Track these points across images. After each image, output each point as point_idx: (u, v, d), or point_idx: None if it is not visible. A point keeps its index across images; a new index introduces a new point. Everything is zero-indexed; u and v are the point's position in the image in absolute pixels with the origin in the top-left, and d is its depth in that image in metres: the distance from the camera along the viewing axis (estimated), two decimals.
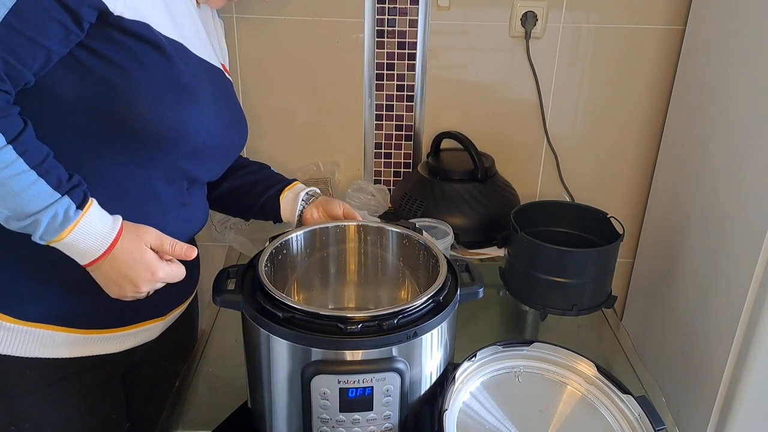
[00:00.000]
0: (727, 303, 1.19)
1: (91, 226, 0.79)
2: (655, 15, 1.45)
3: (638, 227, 1.63)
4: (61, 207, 0.76)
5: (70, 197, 0.77)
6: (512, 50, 1.49)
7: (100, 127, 0.83)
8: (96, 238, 0.80)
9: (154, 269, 0.84)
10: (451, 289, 0.83)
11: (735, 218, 1.18)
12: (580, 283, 1.17)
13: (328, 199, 1.08)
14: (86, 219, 0.79)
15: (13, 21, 0.72)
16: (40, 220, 0.75)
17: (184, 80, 0.87)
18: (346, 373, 0.76)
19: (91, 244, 0.80)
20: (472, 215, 1.41)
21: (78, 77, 0.80)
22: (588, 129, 1.57)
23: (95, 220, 0.80)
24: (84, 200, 0.79)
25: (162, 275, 0.85)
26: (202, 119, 0.90)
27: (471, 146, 1.43)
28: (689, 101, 1.40)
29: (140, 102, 0.83)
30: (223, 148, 0.99)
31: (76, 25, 0.76)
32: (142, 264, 0.83)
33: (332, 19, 1.46)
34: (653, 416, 0.80)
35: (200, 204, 1.04)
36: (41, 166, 0.75)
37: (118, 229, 0.82)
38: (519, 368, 0.90)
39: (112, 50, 0.81)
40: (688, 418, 1.30)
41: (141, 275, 0.84)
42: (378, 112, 1.56)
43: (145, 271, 0.84)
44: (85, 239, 0.79)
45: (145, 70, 0.83)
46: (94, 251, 0.80)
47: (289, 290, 0.97)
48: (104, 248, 0.81)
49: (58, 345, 0.92)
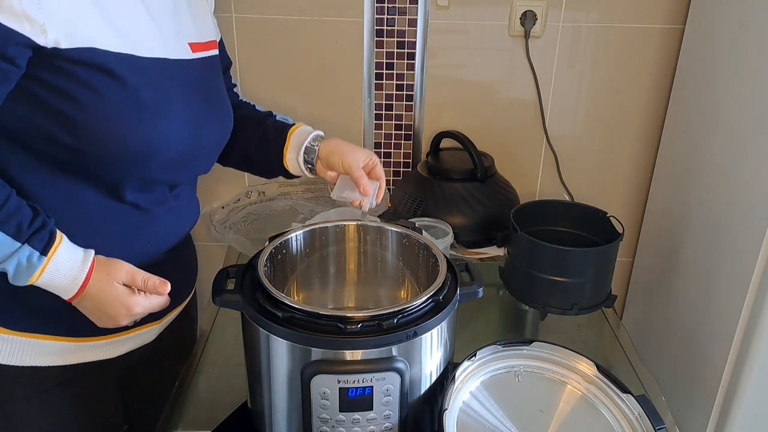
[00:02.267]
0: (727, 302, 1.19)
1: (59, 268, 0.79)
2: (655, 14, 1.45)
3: (638, 226, 1.63)
4: (23, 255, 0.77)
5: (32, 245, 0.77)
6: (512, 49, 1.49)
7: (63, 157, 0.82)
8: (66, 279, 0.80)
9: (129, 305, 0.84)
10: (450, 289, 0.83)
11: (734, 217, 1.18)
12: (579, 283, 1.17)
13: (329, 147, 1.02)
14: (53, 263, 0.79)
15: None
16: (6, 268, 0.77)
17: (143, 98, 0.82)
18: (346, 373, 0.76)
19: (63, 284, 0.81)
20: (472, 215, 1.41)
21: (31, 110, 0.78)
22: (587, 128, 1.57)
23: (63, 262, 0.80)
24: (49, 242, 0.79)
25: (139, 310, 0.86)
26: (170, 131, 0.86)
27: (470, 146, 1.43)
28: (688, 100, 1.40)
29: (99, 131, 0.80)
30: (203, 148, 0.96)
31: (9, 63, 0.73)
32: (116, 301, 0.84)
33: (332, 19, 1.46)
34: (653, 415, 0.80)
35: (188, 203, 1.03)
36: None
37: (88, 269, 0.82)
38: (519, 368, 0.90)
39: (61, 81, 0.77)
40: (688, 418, 1.30)
41: (117, 311, 0.84)
42: (377, 112, 1.56)
43: (121, 307, 0.84)
44: (56, 281, 0.80)
45: (100, 97, 0.79)
46: (67, 291, 0.81)
47: (289, 290, 0.97)
48: (76, 288, 0.81)
49: (52, 353, 0.91)
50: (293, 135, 1.05)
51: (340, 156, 1.00)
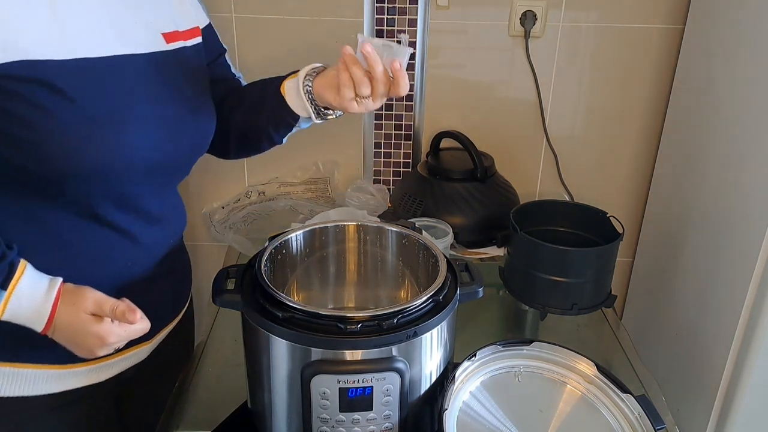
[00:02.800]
0: (727, 302, 1.19)
1: (22, 302, 0.75)
2: (655, 14, 1.45)
3: (638, 226, 1.63)
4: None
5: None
6: (512, 49, 1.49)
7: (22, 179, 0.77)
8: (31, 312, 0.76)
9: (102, 335, 0.78)
10: (450, 289, 0.83)
11: (735, 217, 1.18)
12: (579, 283, 1.17)
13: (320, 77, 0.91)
14: (14, 296, 0.74)
15: None
16: None
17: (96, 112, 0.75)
18: (346, 373, 0.76)
19: (29, 318, 0.76)
20: (472, 215, 1.41)
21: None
22: (587, 128, 1.57)
23: (25, 294, 0.75)
24: (9, 275, 0.74)
25: (113, 340, 0.79)
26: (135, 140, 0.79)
27: (470, 146, 1.43)
28: (688, 100, 1.40)
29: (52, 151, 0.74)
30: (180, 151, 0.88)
31: None
32: (87, 333, 0.78)
33: (332, 19, 1.46)
34: (653, 415, 0.80)
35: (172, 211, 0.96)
36: None
37: (53, 301, 0.76)
38: (519, 368, 0.90)
39: (5, 100, 0.71)
40: (688, 418, 1.30)
41: (90, 343, 0.79)
42: (377, 112, 1.55)
43: (93, 338, 0.78)
44: (21, 315, 0.75)
45: (49, 116, 0.72)
46: (35, 324, 0.77)
47: (289, 290, 0.97)
48: (44, 322, 0.76)
49: (41, 382, 0.87)
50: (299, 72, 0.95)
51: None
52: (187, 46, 0.90)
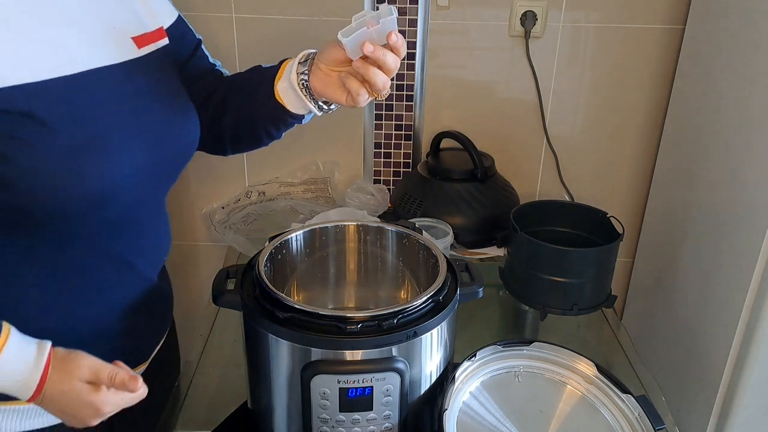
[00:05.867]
0: (727, 302, 1.19)
1: (5, 371, 0.68)
2: (655, 15, 1.45)
3: (638, 227, 1.63)
4: None
5: None
6: (512, 50, 1.49)
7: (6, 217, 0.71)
8: (17, 382, 0.68)
9: (97, 406, 0.71)
10: (450, 289, 0.83)
11: (735, 218, 1.18)
12: (579, 283, 1.17)
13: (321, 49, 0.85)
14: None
15: None
16: None
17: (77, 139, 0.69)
18: (346, 373, 0.76)
19: (14, 386, 0.69)
20: (472, 215, 1.41)
21: None
22: (588, 128, 1.57)
23: (10, 362, 0.68)
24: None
25: (109, 410, 0.72)
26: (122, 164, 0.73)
27: (471, 146, 1.43)
28: (689, 101, 1.40)
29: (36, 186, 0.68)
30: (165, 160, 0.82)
31: None
32: (80, 402, 0.71)
33: (332, 19, 1.46)
34: (653, 416, 0.80)
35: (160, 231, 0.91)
36: None
37: (42, 369, 0.69)
38: (519, 368, 0.90)
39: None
40: (688, 418, 1.30)
41: (84, 413, 0.72)
42: (377, 112, 1.56)
43: (87, 408, 0.71)
44: (6, 385, 0.68)
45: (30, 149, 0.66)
46: (21, 393, 0.69)
47: (289, 290, 0.97)
48: (30, 392, 0.69)
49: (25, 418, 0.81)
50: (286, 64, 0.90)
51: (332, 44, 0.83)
52: (159, 47, 0.85)
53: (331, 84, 0.84)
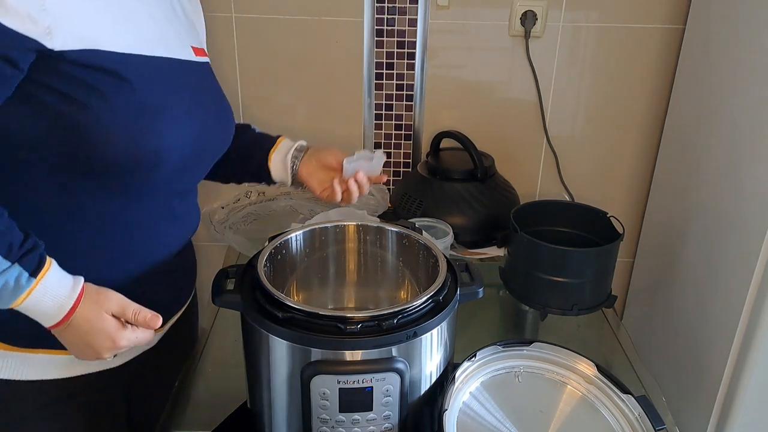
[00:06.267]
0: (727, 303, 1.19)
1: (46, 293, 0.76)
2: (655, 14, 1.45)
3: (638, 227, 1.63)
4: (11, 276, 0.73)
5: (22, 265, 0.74)
6: (512, 50, 1.49)
7: (71, 163, 0.79)
8: (52, 305, 0.77)
9: (115, 338, 0.81)
10: (450, 289, 0.83)
11: (735, 218, 1.18)
12: (580, 283, 1.17)
13: (319, 148, 1.06)
14: (41, 286, 0.75)
15: None
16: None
17: (149, 101, 0.80)
18: (346, 373, 0.76)
19: (48, 310, 0.77)
20: (472, 215, 1.41)
21: (37, 115, 0.75)
22: (588, 128, 1.57)
23: (51, 288, 0.76)
24: (39, 266, 0.76)
25: (124, 344, 0.82)
26: (176, 137, 0.84)
27: (470, 146, 1.43)
28: (689, 100, 1.40)
29: (108, 135, 0.77)
30: (206, 150, 0.94)
31: (12, 67, 0.71)
32: (103, 333, 0.80)
33: (332, 19, 1.46)
34: (653, 416, 0.80)
35: (191, 210, 1.01)
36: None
37: (76, 297, 0.78)
38: (519, 368, 0.90)
39: (65, 85, 0.75)
40: (688, 418, 1.30)
41: (101, 344, 0.81)
42: (377, 112, 1.56)
43: (106, 339, 0.81)
44: (41, 306, 0.76)
45: (106, 101, 0.76)
46: (50, 318, 0.78)
47: (289, 290, 0.97)
48: (62, 315, 0.78)
49: (55, 367, 0.89)
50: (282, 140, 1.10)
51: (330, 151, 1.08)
52: (206, 62, 0.98)
53: (315, 177, 1.09)
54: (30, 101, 0.75)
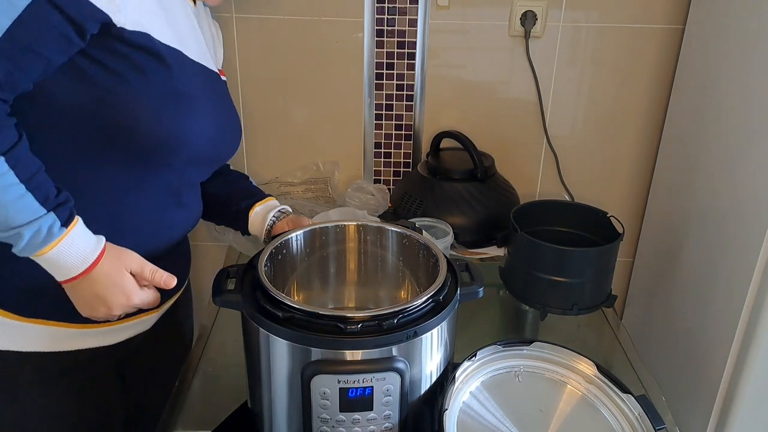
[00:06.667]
0: (727, 302, 1.19)
1: (73, 245, 0.79)
2: (655, 14, 1.45)
3: (638, 226, 1.63)
4: (45, 223, 0.76)
5: (56, 214, 0.77)
6: (512, 50, 1.49)
7: (98, 134, 0.84)
8: (77, 256, 0.80)
9: (130, 294, 0.85)
10: (451, 289, 0.83)
11: (735, 217, 1.18)
12: (580, 283, 1.17)
13: (298, 216, 1.10)
14: (69, 237, 0.79)
15: (17, 32, 0.72)
16: (23, 233, 0.75)
17: (182, 89, 0.88)
18: (346, 373, 0.76)
19: (72, 262, 0.80)
20: (472, 215, 1.41)
21: (77, 84, 0.81)
22: (588, 128, 1.57)
23: (78, 239, 0.80)
24: (70, 218, 0.79)
25: (137, 301, 0.86)
26: (199, 126, 0.91)
27: (471, 146, 1.43)
28: (689, 100, 1.40)
29: (140, 110, 0.84)
30: (217, 152, 1.00)
31: (80, 37, 0.77)
32: (119, 288, 0.84)
33: (332, 19, 1.46)
34: (653, 415, 0.80)
35: (196, 203, 1.05)
36: (31, 181, 0.75)
37: (100, 250, 0.82)
38: (519, 368, 0.90)
39: (112, 60, 0.81)
40: (688, 418, 1.30)
41: (116, 299, 0.84)
42: (378, 112, 1.56)
43: (121, 295, 0.84)
44: (66, 257, 0.79)
45: (146, 78, 0.84)
46: (73, 269, 0.80)
47: (289, 290, 0.97)
48: (84, 267, 0.81)
49: (55, 339, 0.92)
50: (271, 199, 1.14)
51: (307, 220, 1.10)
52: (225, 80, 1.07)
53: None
54: (74, 71, 0.80)
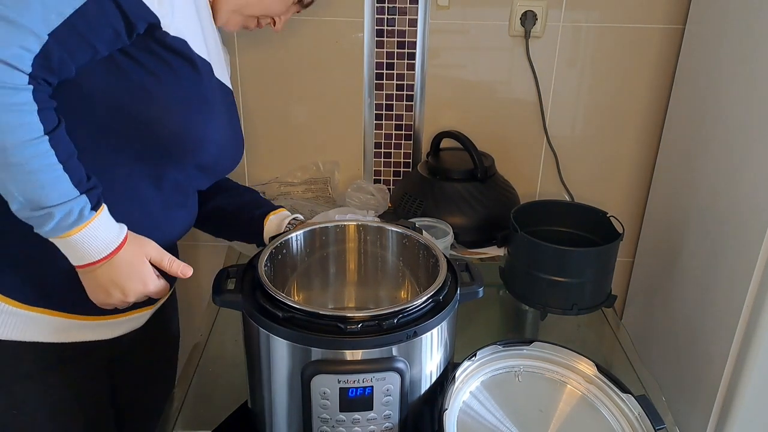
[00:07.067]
0: (727, 302, 1.19)
1: (99, 229, 0.81)
2: (655, 14, 1.45)
3: (638, 226, 1.63)
4: (77, 205, 0.78)
5: (88, 197, 0.79)
6: (512, 50, 1.49)
7: (124, 128, 0.86)
8: (101, 241, 0.81)
9: (147, 282, 0.87)
10: (450, 289, 0.83)
11: (735, 217, 1.18)
12: (580, 283, 1.17)
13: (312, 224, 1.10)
14: (97, 221, 0.80)
15: (77, 21, 0.74)
16: (54, 213, 0.76)
17: (208, 95, 0.92)
18: (346, 373, 0.76)
19: (95, 246, 0.81)
20: (472, 215, 1.41)
21: (112, 78, 0.83)
22: (588, 128, 1.57)
23: (104, 225, 0.82)
24: (99, 202, 0.81)
25: (152, 289, 0.88)
26: (216, 134, 0.94)
27: (471, 146, 1.43)
28: (689, 100, 1.40)
29: (168, 108, 0.87)
30: (221, 164, 1.03)
31: (128, 34, 0.80)
32: (138, 275, 0.86)
33: (332, 19, 1.46)
34: (653, 415, 0.80)
35: (194, 208, 1.07)
36: (68, 163, 0.77)
37: (122, 238, 0.84)
38: (519, 368, 0.90)
39: (150, 59, 0.84)
40: (688, 418, 1.30)
41: (134, 286, 0.86)
42: (378, 112, 1.56)
43: (139, 282, 0.86)
44: (91, 241, 0.81)
45: (178, 80, 0.87)
46: (95, 254, 0.82)
47: (289, 290, 0.98)
48: (107, 252, 0.82)
49: (53, 329, 0.93)
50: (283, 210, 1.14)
51: None
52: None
53: None
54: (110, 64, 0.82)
